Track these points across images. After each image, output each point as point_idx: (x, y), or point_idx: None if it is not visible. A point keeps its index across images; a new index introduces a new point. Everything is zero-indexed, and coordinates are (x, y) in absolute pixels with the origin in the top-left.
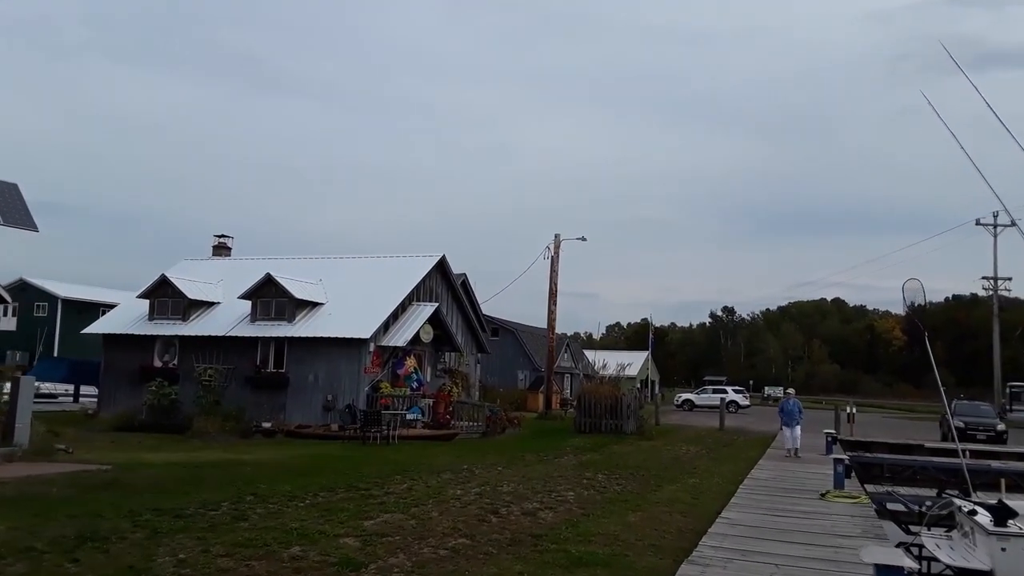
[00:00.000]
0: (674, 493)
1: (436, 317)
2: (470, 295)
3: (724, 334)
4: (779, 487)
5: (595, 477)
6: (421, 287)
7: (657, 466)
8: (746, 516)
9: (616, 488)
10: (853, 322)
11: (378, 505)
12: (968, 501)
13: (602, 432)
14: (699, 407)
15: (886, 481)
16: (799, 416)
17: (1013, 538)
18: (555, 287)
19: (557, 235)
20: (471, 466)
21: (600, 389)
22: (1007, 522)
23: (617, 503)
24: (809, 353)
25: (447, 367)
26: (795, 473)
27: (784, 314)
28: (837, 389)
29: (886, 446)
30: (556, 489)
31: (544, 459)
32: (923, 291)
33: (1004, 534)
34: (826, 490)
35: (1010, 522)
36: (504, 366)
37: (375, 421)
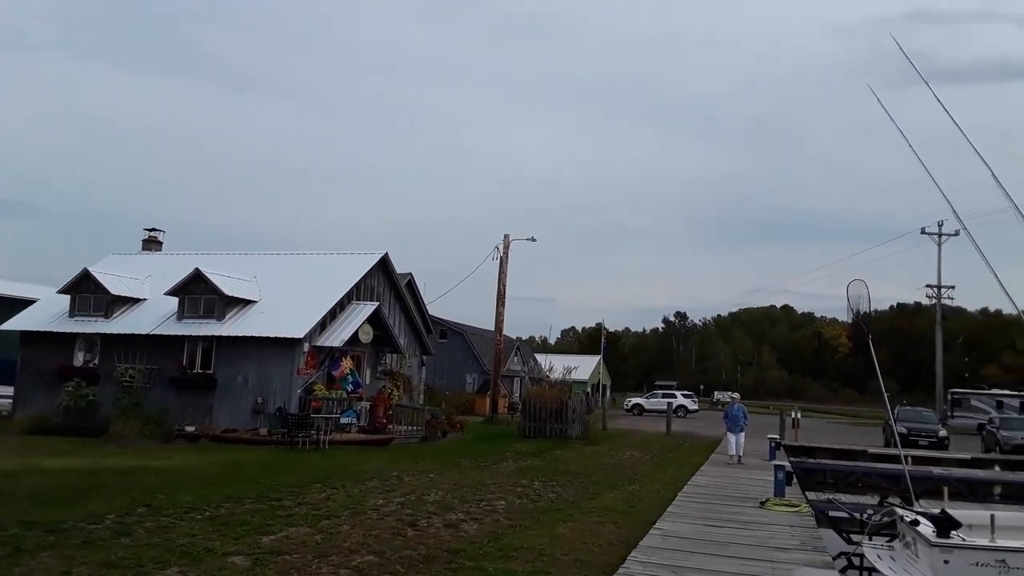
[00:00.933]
0: (611, 501)
1: (376, 317)
2: (416, 295)
3: (676, 339)
4: (719, 494)
5: (531, 484)
6: (361, 286)
7: (598, 472)
8: (681, 526)
9: (551, 496)
10: (801, 328)
11: (285, 518)
12: (910, 510)
13: (547, 437)
14: (649, 411)
15: (829, 488)
16: (744, 422)
17: (956, 550)
18: (504, 288)
19: (506, 235)
20: (402, 473)
21: (546, 393)
22: (950, 533)
23: (549, 513)
24: (758, 359)
25: (388, 369)
26: (737, 480)
27: (735, 320)
28: (785, 394)
29: (829, 452)
30: (487, 498)
31: (481, 465)
32: (868, 293)
33: (947, 546)
34: (766, 498)
35: (953, 533)
36: (452, 369)
37: (304, 425)
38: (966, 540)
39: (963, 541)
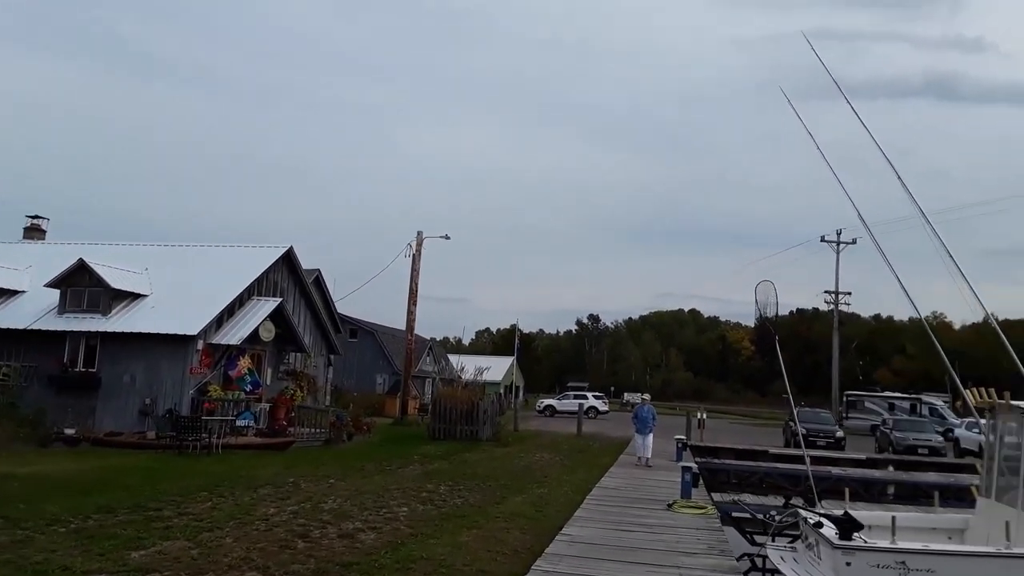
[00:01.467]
0: (518, 506)
1: (279, 314)
2: (324, 292)
3: (589, 341)
4: (627, 497)
5: (437, 489)
6: (264, 281)
7: (507, 475)
8: (588, 531)
9: (457, 501)
10: (707, 332)
11: (161, 530)
12: (814, 512)
13: (457, 439)
14: (560, 413)
15: (733, 488)
16: (652, 423)
17: (858, 552)
18: (416, 287)
19: (419, 232)
20: (299, 479)
21: (456, 394)
22: (852, 535)
23: (453, 519)
24: (667, 361)
25: (291, 369)
26: (645, 481)
27: (645, 323)
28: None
29: (733, 452)
30: (388, 504)
31: (386, 469)
32: (775, 293)
33: (849, 548)
34: (673, 500)
35: (855, 535)
36: (362, 369)
37: (195, 428)
38: (868, 542)
39: (865, 543)
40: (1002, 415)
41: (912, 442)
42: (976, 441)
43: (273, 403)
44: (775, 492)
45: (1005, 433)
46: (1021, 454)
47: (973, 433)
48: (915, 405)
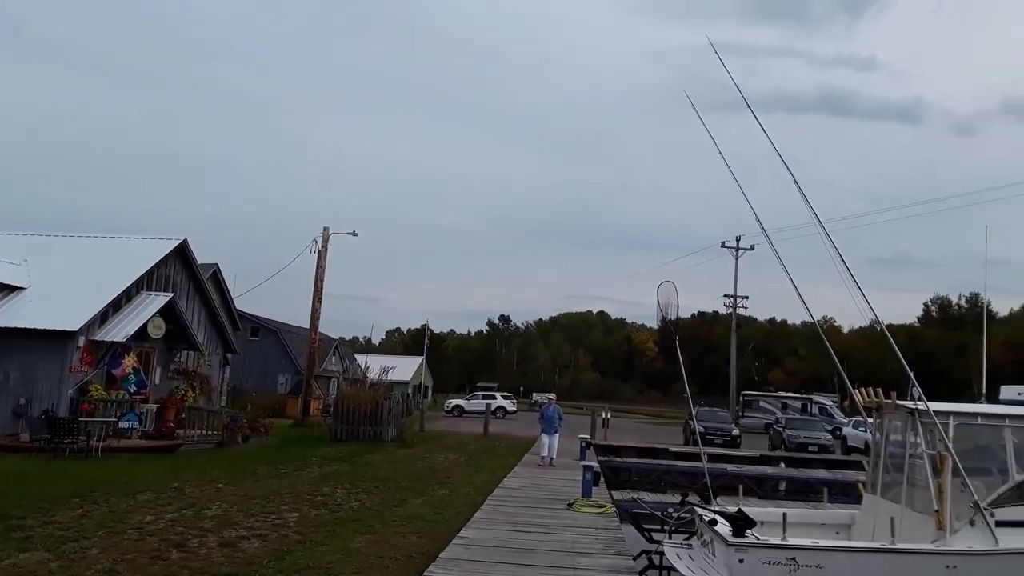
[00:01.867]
0: (417, 508)
1: (170, 309)
2: (222, 288)
3: (499, 342)
4: (529, 496)
5: (333, 492)
6: (155, 274)
7: (408, 477)
8: (486, 533)
9: (353, 505)
10: (614, 333)
11: (20, 540)
12: (709, 509)
13: (360, 440)
14: (469, 413)
15: (634, 485)
16: (558, 423)
17: (751, 549)
18: (321, 284)
19: (326, 228)
20: (184, 484)
21: (360, 394)
22: (745, 532)
23: (347, 524)
24: (575, 362)
25: (182, 368)
26: (548, 481)
27: (555, 324)
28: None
29: (635, 450)
30: (278, 510)
31: (280, 473)
32: (676, 294)
33: (742, 544)
34: (574, 499)
35: (748, 532)
36: (264, 369)
37: (72, 430)
38: (759, 539)
39: (757, 540)
40: (888, 414)
41: (803, 440)
42: (862, 439)
43: (162, 404)
44: (674, 489)
45: (890, 431)
46: (905, 452)
47: (859, 431)
48: (806, 405)
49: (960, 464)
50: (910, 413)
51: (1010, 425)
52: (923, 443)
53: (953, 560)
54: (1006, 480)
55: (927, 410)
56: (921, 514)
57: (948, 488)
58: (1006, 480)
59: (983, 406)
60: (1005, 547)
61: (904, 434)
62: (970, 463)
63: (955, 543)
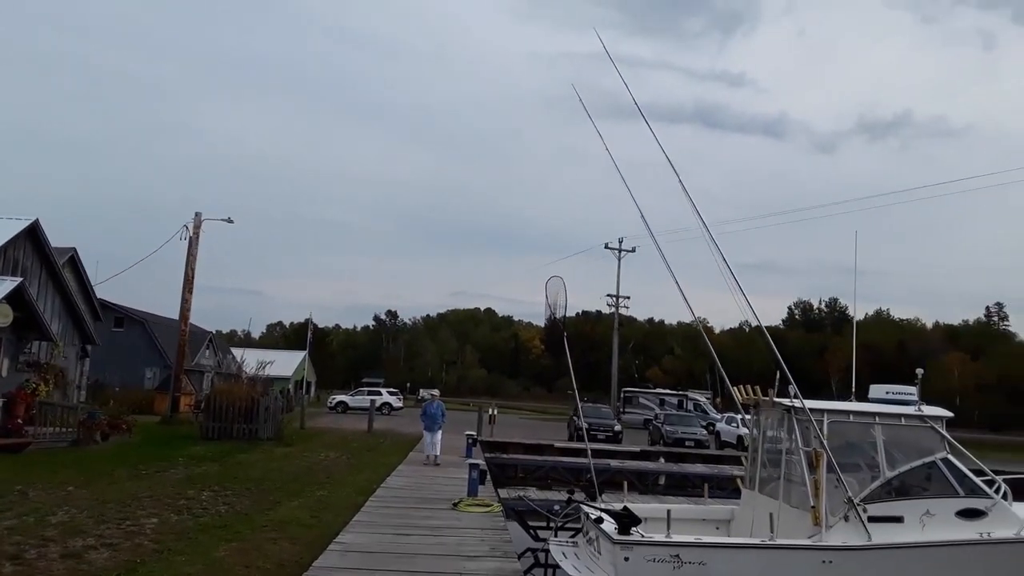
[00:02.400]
0: (292, 512)
1: (19, 296)
2: (81, 275)
3: (386, 337)
4: (412, 496)
5: (198, 496)
6: (2, 258)
7: (284, 478)
8: (366, 538)
9: (220, 509)
10: (501, 331)
11: None
12: (595, 507)
13: (234, 438)
14: (353, 409)
15: (522, 482)
16: (441, 419)
17: (636, 547)
18: (192, 273)
19: (198, 214)
20: (29, 487)
21: (234, 389)
22: (630, 529)
23: (211, 531)
24: (462, 358)
25: (33, 360)
26: (433, 479)
27: (443, 320)
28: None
29: (521, 446)
30: (135, 515)
31: (142, 474)
32: (564, 290)
33: (627, 543)
34: (459, 499)
35: (633, 530)
36: (129, 362)
37: None
38: (644, 536)
39: (642, 537)
40: (765, 411)
41: (680, 435)
42: (735, 434)
43: (9, 398)
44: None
45: (767, 428)
46: (781, 448)
47: (732, 427)
48: (682, 401)
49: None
50: (786, 410)
51: (880, 423)
52: (799, 440)
53: (829, 555)
54: (877, 476)
55: (803, 407)
56: (797, 510)
57: (824, 484)
58: (877, 476)
59: (855, 404)
60: (878, 542)
61: (780, 431)
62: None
63: (830, 538)
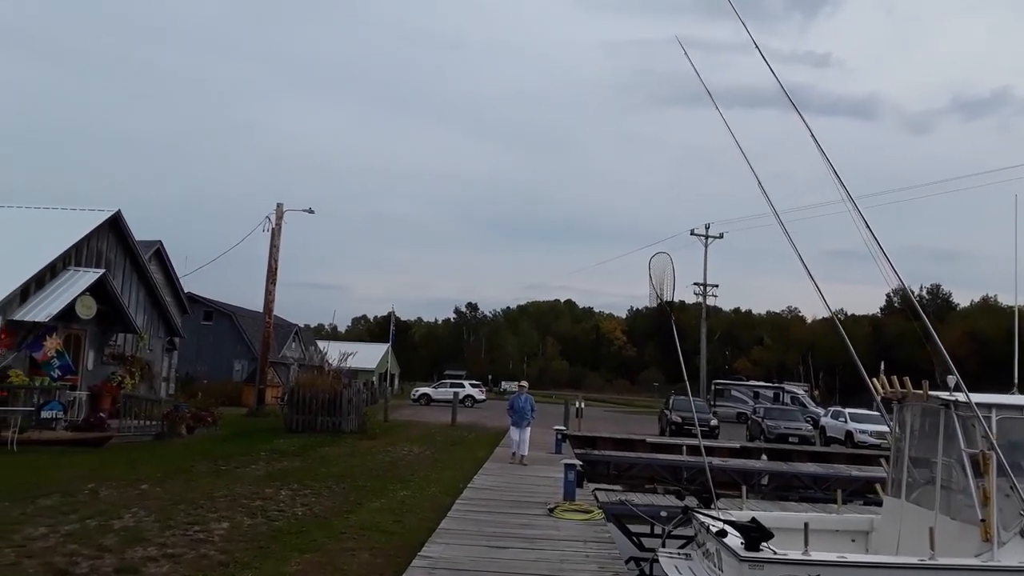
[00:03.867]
0: (373, 515)
1: (102, 287)
2: (167, 268)
3: (467, 330)
4: (503, 499)
5: (277, 494)
6: (84, 249)
7: (367, 474)
8: (455, 550)
9: (298, 511)
10: (582, 322)
11: None
12: (714, 516)
13: (317, 431)
14: (436, 401)
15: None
16: (531, 414)
17: (768, 565)
18: (275, 264)
19: (279, 204)
20: (103, 484)
21: (317, 381)
22: (760, 545)
23: (286, 537)
24: (543, 350)
25: (118, 352)
26: (523, 478)
27: (522, 313)
28: (566, 384)
29: (611, 441)
30: (205, 518)
31: (221, 470)
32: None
33: (758, 560)
34: (555, 503)
35: (764, 545)
36: (219, 355)
37: None
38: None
39: (775, 554)
40: (912, 406)
41: (783, 430)
42: (842, 430)
43: (95, 391)
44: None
45: (915, 426)
46: (937, 449)
47: (838, 422)
48: (778, 394)
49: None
50: (944, 405)
51: None
52: (961, 440)
53: None
54: None
55: (967, 401)
56: (959, 522)
57: (994, 492)
58: None
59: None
60: None
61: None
62: (1016, 462)
63: (1005, 557)
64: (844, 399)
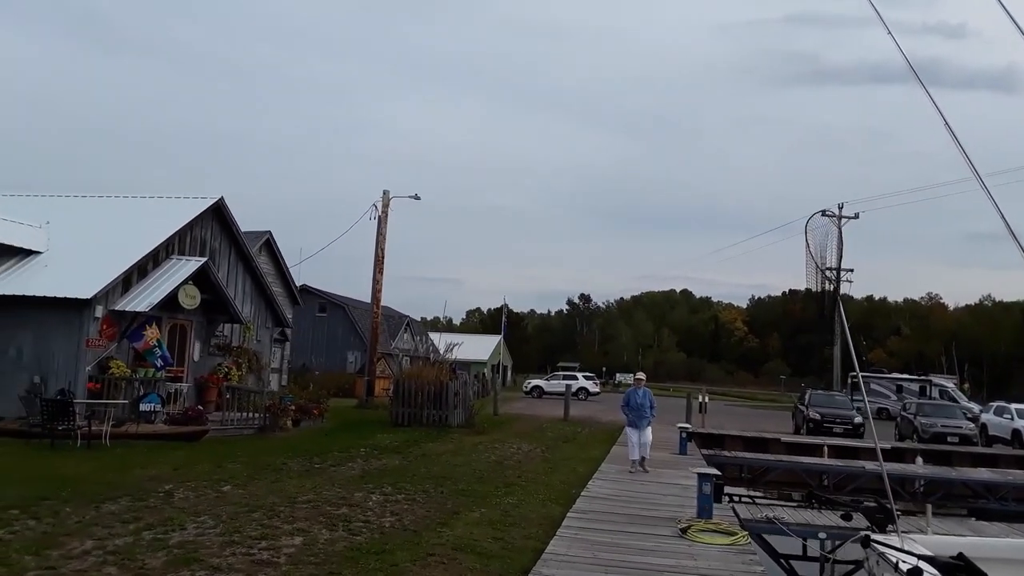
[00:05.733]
0: (471, 528)
1: (204, 276)
2: (277, 258)
3: (580, 321)
4: (623, 512)
5: (367, 500)
6: (187, 237)
7: (470, 475)
8: None
9: (385, 522)
10: (699, 312)
11: None
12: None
13: (423, 425)
14: (549, 394)
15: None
16: (651, 412)
17: None
18: (382, 252)
19: (386, 191)
20: (182, 484)
21: (423, 373)
22: None
23: (364, 558)
24: (659, 341)
25: (224, 343)
26: (645, 485)
27: (637, 303)
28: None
29: (741, 440)
30: (277, 532)
31: (315, 468)
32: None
33: None
34: (687, 520)
35: None
36: (333, 346)
37: (64, 413)
38: None
39: None
40: None
41: (940, 429)
42: (1007, 428)
43: (201, 383)
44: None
45: None
46: None
47: (1003, 419)
48: (924, 387)
49: None
50: None
51: None
52: None
53: None
54: None
55: None
56: None
57: None
58: None
59: None
60: None
61: None
62: None
63: None
64: (992, 393)
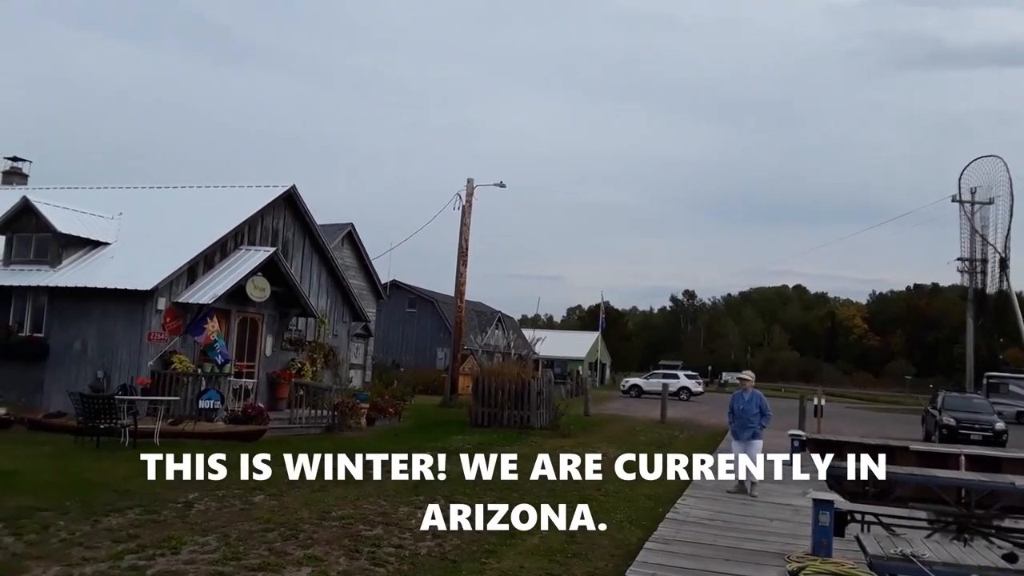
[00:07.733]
0: (526, 558)
1: (274, 267)
2: (360, 251)
3: (684, 318)
4: (717, 543)
5: (410, 516)
6: (257, 227)
7: (540, 486)
8: None
9: (424, 546)
10: (814, 309)
11: None
12: None
13: (504, 426)
14: (648, 393)
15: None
16: (760, 420)
17: None
18: (466, 243)
19: (470, 180)
20: (208, 494)
21: (504, 370)
22: None
23: None
24: (769, 339)
25: (297, 337)
26: (746, 506)
27: (745, 300)
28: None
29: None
30: (287, 557)
31: (367, 474)
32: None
33: None
34: (800, 557)
35: None
36: (422, 342)
37: (108, 410)
38: None
39: None
40: None
41: None
42: None
43: (273, 379)
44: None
45: None
46: None
47: None
48: None
49: None
50: None
51: None
52: None
53: None
54: None
55: None
56: None
57: None
58: None
59: None
60: None
61: None
62: None
63: None
64: None
